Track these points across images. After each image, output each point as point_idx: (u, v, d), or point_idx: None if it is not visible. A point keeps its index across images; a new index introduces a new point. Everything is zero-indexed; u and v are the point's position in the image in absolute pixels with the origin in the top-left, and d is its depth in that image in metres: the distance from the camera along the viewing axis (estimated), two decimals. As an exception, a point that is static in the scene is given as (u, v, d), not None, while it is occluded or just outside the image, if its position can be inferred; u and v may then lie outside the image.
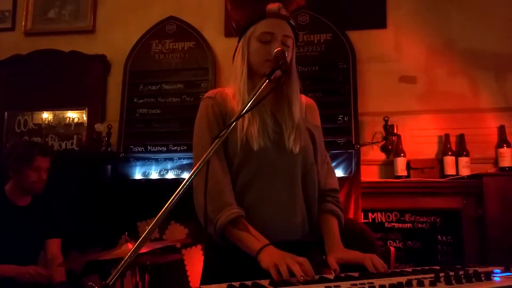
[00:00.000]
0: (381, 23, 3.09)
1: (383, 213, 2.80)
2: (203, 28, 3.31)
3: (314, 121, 1.43)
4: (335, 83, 3.02)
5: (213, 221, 1.19)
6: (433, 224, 2.72)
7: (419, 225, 2.74)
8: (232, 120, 1.05)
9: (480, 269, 1.00)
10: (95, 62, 3.37)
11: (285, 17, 1.32)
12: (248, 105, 1.06)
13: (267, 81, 1.13)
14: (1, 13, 3.66)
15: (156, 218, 0.85)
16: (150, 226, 0.84)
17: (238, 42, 1.37)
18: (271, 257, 1.07)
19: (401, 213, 2.78)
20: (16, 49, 3.47)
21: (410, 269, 1.10)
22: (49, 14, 3.59)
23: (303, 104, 1.41)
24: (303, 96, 1.44)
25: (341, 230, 1.32)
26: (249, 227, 1.19)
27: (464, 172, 2.73)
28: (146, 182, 3.05)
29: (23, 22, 3.58)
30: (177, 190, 0.87)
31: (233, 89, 1.34)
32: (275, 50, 1.22)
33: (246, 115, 1.22)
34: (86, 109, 3.33)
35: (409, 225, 2.75)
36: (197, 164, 0.92)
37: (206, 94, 1.38)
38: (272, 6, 1.31)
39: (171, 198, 0.86)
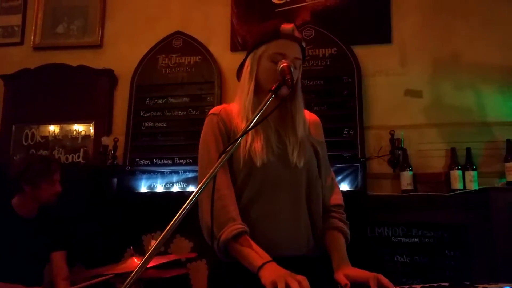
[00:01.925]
0: (386, 38, 3.11)
1: (389, 227, 2.77)
2: (209, 42, 3.35)
3: (318, 136, 1.43)
4: (340, 96, 3.03)
5: (216, 237, 1.19)
6: (440, 239, 2.68)
7: (426, 240, 2.71)
8: (239, 135, 1.05)
9: (489, 286, 0.99)
10: (103, 76, 3.41)
11: (299, 39, 1.32)
12: (255, 120, 1.07)
13: (273, 96, 1.14)
14: (11, 27, 3.73)
15: (162, 235, 0.85)
16: (157, 242, 0.84)
17: (246, 57, 1.38)
18: (271, 273, 1.07)
19: (408, 228, 2.75)
20: (24, 63, 3.52)
21: (418, 286, 1.09)
22: (58, 29, 3.65)
23: (306, 120, 1.41)
24: (307, 112, 1.44)
25: (347, 246, 1.31)
26: (252, 243, 1.19)
27: (471, 186, 2.70)
28: (152, 195, 3.06)
29: (32, 37, 3.65)
30: (184, 206, 0.87)
31: (238, 105, 1.35)
32: (281, 66, 1.22)
33: (250, 131, 1.22)
34: (93, 122, 3.36)
35: (416, 239, 2.72)
36: (204, 180, 0.93)
37: (211, 111, 1.38)
38: (287, 27, 1.30)
39: (178, 214, 0.86)
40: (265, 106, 1.09)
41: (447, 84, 3.00)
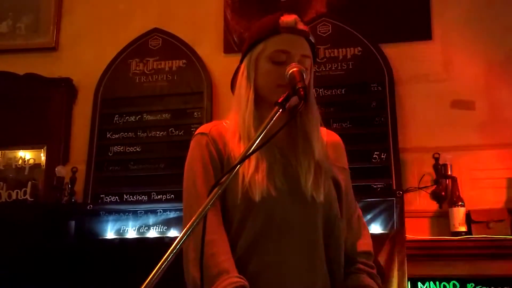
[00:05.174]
0: (425, 33, 3.14)
1: (437, 282, 2.74)
2: (196, 42, 3.38)
3: (339, 161, 1.43)
4: (367, 110, 3.05)
5: None
6: (505, 298, 2.65)
7: (487, 299, 2.68)
8: (237, 162, 1.05)
9: None
10: (58, 88, 3.43)
11: (304, 33, 1.35)
12: (257, 142, 1.06)
13: (280, 110, 1.14)
14: None
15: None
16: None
17: (241, 61, 1.40)
18: None
19: (462, 283, 2.71)
20: (-44, 72, 3.55)
21: None
22: (1, 27, 3.69)
23: (324, 140, 1.41)
24: (324, 130, 1.45)
25: None
26: None
27: (544, 226, 2.69)
28: (121, 242, 3.03)
29: (-33, 38, 3.69)
30: (164, 257, 0.85)
31: (234, 121, 1.36)
32: (290, 71, 1.23)
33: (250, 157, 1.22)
34: (45, 147, 3.35)
35: (473, 298, 2.69)
36: (191, 222, 0.91)
37: (199, 130, 1.39)
38: (288, 19, 1.33)
39: (156, 268, 0.84)
40: (271, 123, 1.09)
41: (507, 92, 3.01)
